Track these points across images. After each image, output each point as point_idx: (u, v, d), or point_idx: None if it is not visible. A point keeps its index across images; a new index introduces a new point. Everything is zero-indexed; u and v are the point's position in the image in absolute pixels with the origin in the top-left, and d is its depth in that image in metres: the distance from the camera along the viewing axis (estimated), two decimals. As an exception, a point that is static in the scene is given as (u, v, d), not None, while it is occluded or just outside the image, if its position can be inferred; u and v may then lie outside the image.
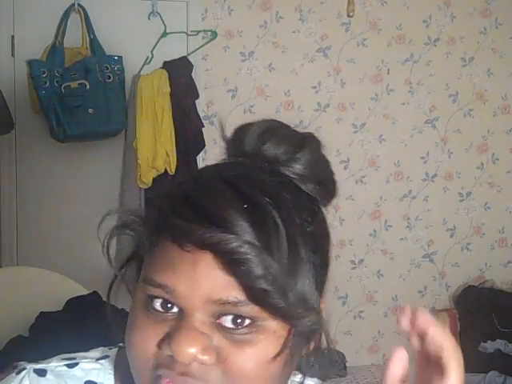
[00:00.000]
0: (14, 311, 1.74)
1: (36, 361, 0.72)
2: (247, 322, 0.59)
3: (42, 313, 1.77)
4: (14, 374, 0.72)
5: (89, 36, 2.88)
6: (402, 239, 3.39)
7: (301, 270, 0.62)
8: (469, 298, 3.30)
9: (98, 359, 0.73)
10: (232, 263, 0.57)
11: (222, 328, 0.59)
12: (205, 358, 0.58)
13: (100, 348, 0.75)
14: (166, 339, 0.59)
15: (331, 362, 3.04)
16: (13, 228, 2.96)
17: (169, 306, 0.60)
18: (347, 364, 3.16)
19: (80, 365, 0.71)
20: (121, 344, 0.74)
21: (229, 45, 3.15)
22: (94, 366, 0.72)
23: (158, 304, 0.60)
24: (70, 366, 0.71)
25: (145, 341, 0.60)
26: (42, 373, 0.71)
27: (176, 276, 0.59)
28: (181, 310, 0.60)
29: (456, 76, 3.37)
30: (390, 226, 3.37)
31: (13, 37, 2.88)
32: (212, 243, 0.57)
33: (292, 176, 0.67)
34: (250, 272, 0.57)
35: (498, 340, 3.09)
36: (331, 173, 0.71)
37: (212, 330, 0.59)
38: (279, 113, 3.21)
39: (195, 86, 3.00)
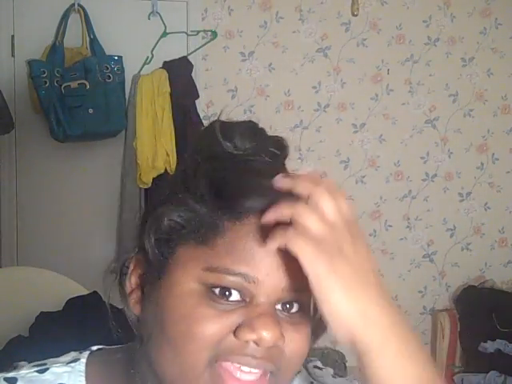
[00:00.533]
0: (14, 311, 1.74)
1: (35, 362, 0.73)
2: (296, 307, 0.63)
3: (41, 313, 1.77)
4: None
5: (89, 36, 2.88)
6: (401, 239, 3.39)
7: None
8: (469, 298, 3.30)
9: (68, 363, 0.73)
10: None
11: (280, 312, 0.63)
12: (282, 341, 0.61)
13: (71, 352, 0.75)
14: (245, 327, 0.60)
15: (331, 362, 3.04)
16: (13, 228, 2.96)
17: (227, 293, 0.61)
18: (347, 364, 3.15)
19: (51, 369, 0.72)
20: (93, 348, 0.75)
21: (229, 45, 3.14)
22: (64, 370, 0.72)
23: (217, 291, 0.60)
24: (41, 372, 0.72)
25: (215, 331, 0.60)
26: (12, 381, 0.71)
27: (258, 265, 0.60)
28: (249, 298, 0.61)
29: (456, 76, 3.37)
30: (390, 226, 3.37)
31: (13, 37, 2.88)
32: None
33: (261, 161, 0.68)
34: None
35: (497, 340, 3.09)
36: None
37: (278, 317, 0.62)
38: (279, 113, 3.21)
39: (195, 86, 3.00)
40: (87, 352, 0.74)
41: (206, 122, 3.08)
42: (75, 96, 2.75)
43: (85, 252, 2.92)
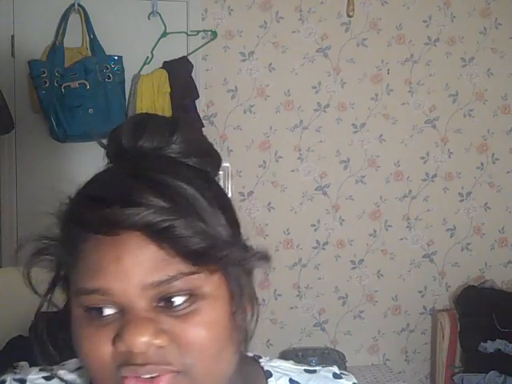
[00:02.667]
0: (14, 311, 1.74)
1: (36, 361, 0.73)
2: (183, 297, 0.61)
3: (42, 313, 1.77)
4: None
5: (89, 36, 2.88)
6: (401, 239, 3.39)
7: (215, 222, 0.64)
8: (469, 298, 3.30)
9: (74, 370, 0.74)
10: (159, 237, 0.59)
11: (163, 310, 0.61)
12: (158, 341, 0.59)
13: (74, 359, 0.75)
14: (117, 337, 0.59)
15: (331, 362, 3.04)
16: (13, 228, 2.96)
17: (104, 310, 0.61)
18: (347, 364, 3.16)
19: (57, 377, 0.73)
20: None
21: (229, 45, 3.14)
22: (70, 377, 0.73)
23: (94, 312, 0.61)
24: (48, 379, 0.73)
25: (98, 348, 0.60)
26: (22, 382, 0.73)
27: (105, 275, 0.60)
28: (119, 308, 0.61)
29: (456, 76, 3.37)
30: (390, 226, 3.37)
31: (13, 37, 2.88)
32: (135, 222, 0.58)
33: (176, 155, 0.68)
34: (181, 236, 0.59)
35: (497, 340, 3.09)
36: (209, 145, 0.73)
37: (156, 314, 0.60)
38: (279, 113, 3.21)
39: (195, 86, 3.00)
40: None
41: (205, 122, 3.08)
42: (75, 96, 2.75)
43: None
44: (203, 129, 3.01)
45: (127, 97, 2.94)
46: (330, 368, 0.80)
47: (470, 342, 3.18)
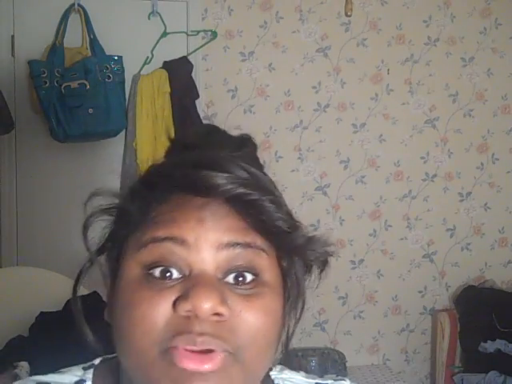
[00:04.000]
0: (14, 311, 1.74)
1: (35, 361, 0.72)
2: (250, 277, 0.61)
3: (41, 313, 1.77)
4: None
5: (89, 36, 2.88)
6: (401, 239, 3.39)
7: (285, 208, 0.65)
8: (469, 297, 3.30)
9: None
10: (245, 208, 0.60)
11: (229, 285, 0.60)
12: (223, 309, 0.57)
13: (73, 368, 0.72)
14: (181, 298, 0.57)
15: (331, 362, 3.04)
16: (13, 228, 2.96)
17: (168, 274, 0.59)
18: (347, 364, 3.15)
19: None
20: (96, 362, 0.73)
21: (229, 45, 3.15)
22: None
23: (157, 273, 0.59)
24: None
25: (155, 311, 0.58)
26: None
27: (183, 227, 0.59)
28: (186, 271, 0.59)
29: (456, 76, 3.37)
30: (390, 226, 3.37)
31: (13, 37, 2.88)
32: (227, 190, 0.59)
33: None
34: (268, 211, 0.60)
35: (497, 340, 3.09)
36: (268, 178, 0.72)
37: (222, 286, 0.59)
38: (279, 113, 3.21)
39: (195, 86, 3.00)
40: (91, 370, 0.72)
41: (205, 122, 3.08)
42: (75, 96, 2.75)
43: (85, 252, 2.92)
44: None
45: (127, 97, 2.94)
46: (343, 382, 0.78)
47: (470, 342, 3.18)
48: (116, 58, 2.88)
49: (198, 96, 3.01)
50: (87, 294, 1.82)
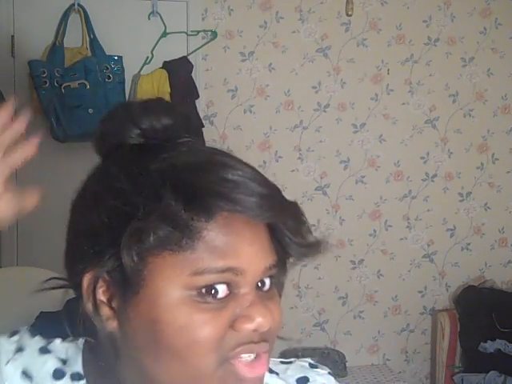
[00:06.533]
0: (14, 311, 1.74)
1: None
2: (269, 280, 0.66)
3: (41, 313, 1.77)
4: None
5: (89, 36, 2.88)
6: (401, 239, 3.39)
7: None
8: (469, 297, 3.30)
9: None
10: (288, 227, 0.65)
11: (259, 291, 0.65)
12: (270, 321, 0.64)
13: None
14: (244, 321, 0.62)
15: (331, 362, 3.04)
16: (13, 228, 2.96)
17: (213, 291, 0.62)
18: (347, 364, 3.16)
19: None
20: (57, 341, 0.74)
21: (229, 45, 3.14)
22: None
23: (207, 294, 0.61)
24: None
25: (218, 331, 0.61)
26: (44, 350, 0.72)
27: (240, 255, 0.62)
28: (234, 289, 0.63)
29: (456, 76, 3.37)
30: (390, 226, 3.37)
31: (13, 37, 2.88)
32: (277, 214, 0.63)
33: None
34: (306, 227, 0.67)
35: (497, 340, 3.09)
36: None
37: (257, 294, 0.65)
38: (279, 113, 3.21)
39: (195, 86, 3.00)
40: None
41: (205, 122, 3.08)
42: (75, 96, 2.75)
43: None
44: (203, 129, 3.01)
45: (127, 97, 2.94)
46: (306, 359, 0.84)
47: (470, 342, 3.18)
48: (116, 58, 2.88)
49: (198, 96, 3.01)
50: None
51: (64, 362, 0.70)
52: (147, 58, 2.98)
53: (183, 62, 3.00)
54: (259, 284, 0.65)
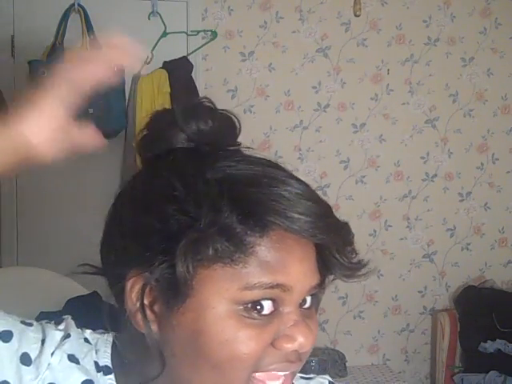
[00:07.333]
0: (14, 311, 1.74)
1: None
2: (310, 299, 0.67)
3: (41, 313, 1.77)
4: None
5: (89, 36, 2.88)
6: (402, 239, 3.39)
7: None
8: (469, 297, 3.30)
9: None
10: (337, 248, 0.67)
11: (300, 309, 0.66)
12: (312, 341, 0.64)
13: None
14: (287, 340, 0.62)
15: (331, 362, 3.04)
16: (13, 228, 2.96)
17: (258, 307, 0.62)
18: (347, 364, 3.15)
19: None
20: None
21: (229, 45, 3.14)
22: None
23: (252, 306, 0.61)
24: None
25: (259, 348, 0.61)
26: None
27: (290, 272, 0.62)
28: (280, 306, 0.63)
29: (456, 76, 3.37)
30: (390, 226, 3.37)
31: (13, 37, 2.88)
32: (327, 232, 0.64)
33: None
34: (352, 249, 0.70)
35: (498, 340, 3.09)
36: None
37: (299, 313, 0.65)
38: (279, 113, 3.21)
39: (195, 86, 3.00)
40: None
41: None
42: (75, 96, 2.74)
43: (85, 252, 2.92)
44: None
45: (127, 97, 2.94)
46: (325, 376, 0.83)
47: (470, 342, 3.18)
48: (116, 58, 2.88)
49: (198, 96, 3.01)
50: (87, 294, 1.83)
51: (96, 353, 0.71)
52: (147, 57, 2.97)
53: (183, 62, 3.00)
54: (301, 302, 0.65)
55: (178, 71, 2.97)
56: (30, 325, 0.71)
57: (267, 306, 0.62)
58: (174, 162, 0.67)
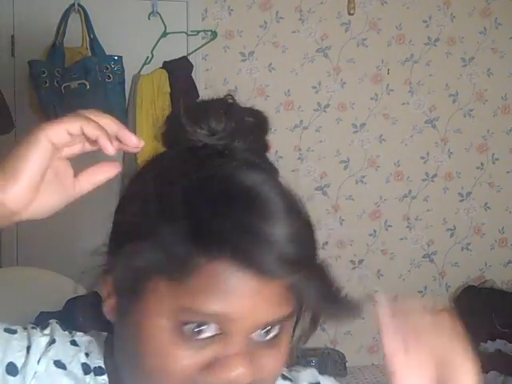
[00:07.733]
0: (14, 311, 1.74)
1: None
2: (278, 329, 0.61)
3: (42, 313, 1.77)
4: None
5: (89, 36, 2.88)
6: (402, 239, 3.39)
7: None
8: (469, 298, 3.30)
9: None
10: (299, 288, 0.59)
11: (261, 337, 0.61)
12: (251, 376, 0.59)
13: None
14: (219, 365, 0.58)
15: (331, 362, 3.04)
16: (13, 228, 2.95)
17: (197, 330, 0.58)
18: (347, 364, 3.15)
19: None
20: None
21: (229, 45, 3.14)
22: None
23: (190, 330, 0.58)
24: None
25: (190, 368, 0.58)
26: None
27: (233, 304, 0.57)
28: (222, 332, 0.59)
29: (456, 76, 3.37)
30: (390, 226, 3.37)
31: (13, 37, 2.88)
32: (286, 272, 0.57)
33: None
34: (329, 281, 0.64)
35: (498, 340, 3.09)
36: None
37: (252, 347, 0.60)
38: (279, 113, 3.21)
39: (195, 86, 3.00)
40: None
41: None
42: (75, 96, 2.75)
43: (85, 252, 2.92)
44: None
45: (127, 97, 2.94)
46: (312, 369, 0.82)
47: (470, 342, 3.18)
48: (116, 58, 2.88)
49: (198, 96, 3.01)
50: (87, 294, 1.82)
51: (87, 355, 0.70)
52: (147, 57, 2.98)
53: (183, 62, 3.00)
54: (262, 331, 0.60)
55: (178, 71, 2.97)
56: (14, 332, 0.69)
57: (210, 329, 0.58)
58: (169, 162, 0.67)
